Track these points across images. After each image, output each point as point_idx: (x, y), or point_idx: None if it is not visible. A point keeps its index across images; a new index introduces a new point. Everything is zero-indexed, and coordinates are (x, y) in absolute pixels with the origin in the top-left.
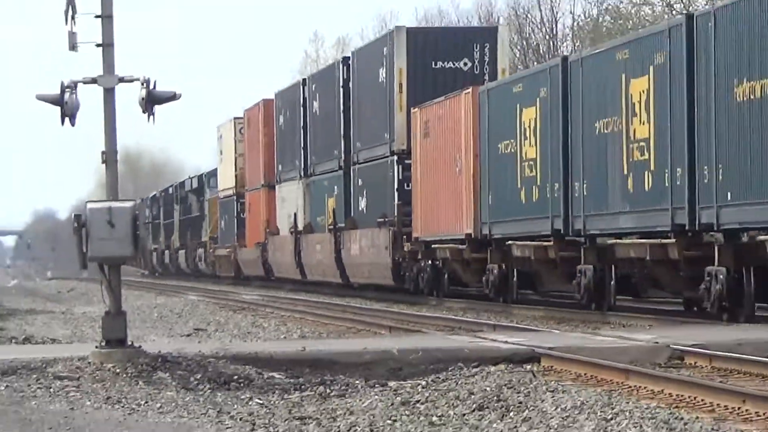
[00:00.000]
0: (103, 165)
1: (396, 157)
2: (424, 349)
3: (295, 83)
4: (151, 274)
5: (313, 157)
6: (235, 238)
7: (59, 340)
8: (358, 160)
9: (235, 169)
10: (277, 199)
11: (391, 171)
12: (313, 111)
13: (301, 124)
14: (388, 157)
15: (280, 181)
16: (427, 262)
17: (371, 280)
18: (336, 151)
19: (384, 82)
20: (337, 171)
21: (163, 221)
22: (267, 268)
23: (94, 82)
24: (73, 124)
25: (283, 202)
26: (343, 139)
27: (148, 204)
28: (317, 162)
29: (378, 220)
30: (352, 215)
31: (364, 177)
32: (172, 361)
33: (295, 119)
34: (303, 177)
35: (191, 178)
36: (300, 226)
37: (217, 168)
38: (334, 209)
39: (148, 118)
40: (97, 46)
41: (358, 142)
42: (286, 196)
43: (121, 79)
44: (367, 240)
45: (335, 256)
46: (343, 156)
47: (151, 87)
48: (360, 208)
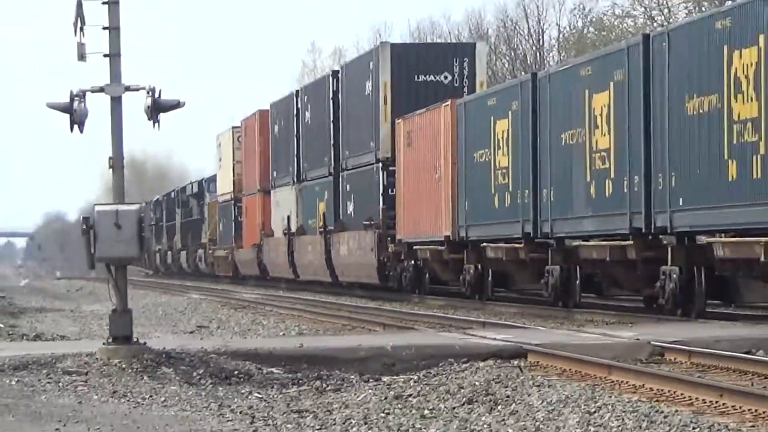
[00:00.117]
0: (111, 170)
1: (381, 164)
2: (416, 346)
3: (288, 95)
4: (155, 274)
5: (305, 164)
6: (233, 240)
7: (68, 337)
8: (346, 166)
9: (233, 175)
10: (272, 203)
11: (377, 177)
12: (306, 121)
13: (294, 133)
14: (374, 164)
15: (274, 186)
16: (410, 262)
17: (358, 279)
18: (326, 158)
19: (370, 94)
20: (327, 177)
21: (166, 224)
22: (262, 268)
23: (102, 90)
24: (82, 131)
25: (278, 206)
26: (332, 148)
27: (152, 207)
28: (309, 168)
29: (364, 222)
30: (340, 218)
31: (351, 183)
32: (176, 357)
33: (288, 128)
34: (296, 182)
35: (192, 184)
36: (293, 229)
37: (216, 174)
38: (324, 213)
39: (154, 125)
40: (104, 57)
41: (347, 150)
42: (280, 201)
43: (128, 88)
44: (354, 242)
45: (325, 257)
46: (332, 163)
47: (156, 95)
48: (348, 212)
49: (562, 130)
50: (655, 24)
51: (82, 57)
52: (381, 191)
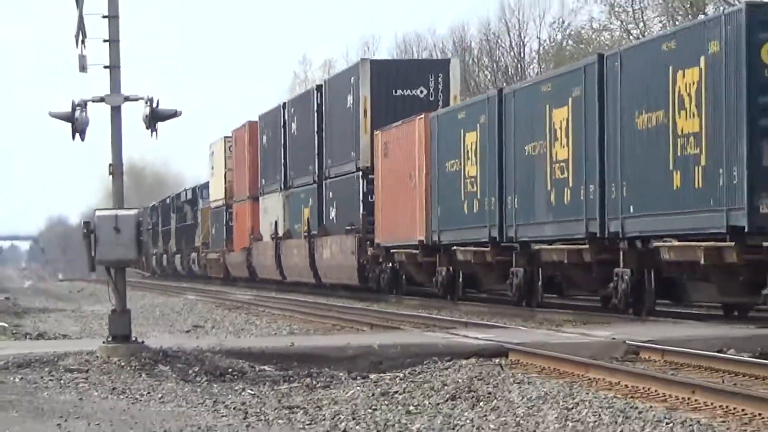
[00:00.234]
0: (110, 176)
1: (361, 173)
2: (402, 345)
3: (276, 107)
4: (152, 276)
5: (291, 172)
6: (224, 244)
7: (70, 336)
8: (329, 175)
9: (225, 183)
10: (260, 209)
11: (357, 185)
12: (292, 132)
13: (282, 143)
14: (355, 173)
15: (263, 193)
16: (387, 265)
17: (340, 281)
18: (311, 167)
19: (351, 107)
20: (311, 185)
21: (162, 228)
22: (251, 270)
23: (102, 100)
24: (83, 139)
25: (266, 211)
26: (316, 157)
27: (149, 213)
28: (295, 176)
29: (346, 228)
30: (324, 223)
31: (334, 190)
32: (173, 356)
33: (276, 139)
34: (283, 189)
35: (186, 190)
36: (280, 233)
37: (209, 181)
38: (309, 218)
39: (152, 134)
40: (105, 68)
41: (329, 160)
42: (268, 207)
43: (127, 98)
44: (336, 245)
45: (309, 260)
46: (316, 171)
47: (154, 105)
48: (331, 217)
49: (526, 142)
50: (630, 37)
51: (83, 68)
52: (361, 198)
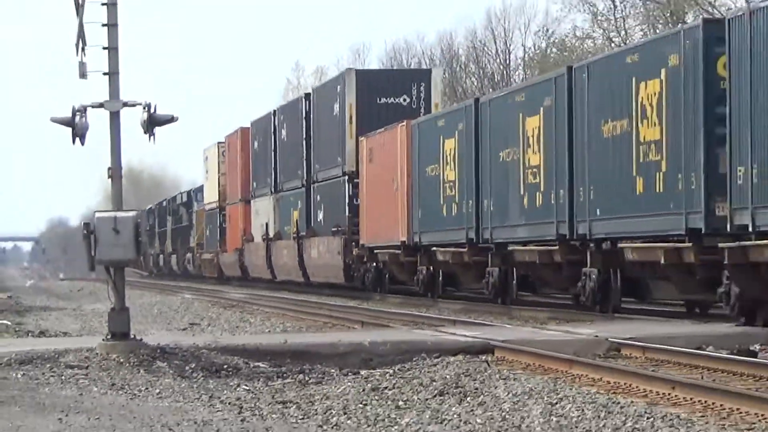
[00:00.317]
0: (110, 179)
1: (347, 177)
2: (391, 342)
3: (266, 114)
4: (150, 276)
5: (281, 176)
6: (218, 244)
7: (70, 334)
8: (316, 179)
9: (218, 186)
10: (252, 211)
11: (343, 189)
12: (282, 138)
13: (272, 149)
14: (341, 177)
15: (254, 196)
16: (372, 264)
17: (327, 280)
18: (299, 171)
19: (338, 115)
20: (300, 188)
21: (158, 230)
22: (244, 269)
23: (102, 106)
24: (83, 144)
25: (257, 214)
26: (305, 162)
27: (146, 215)
28: (285, 180)
29: (332, 229)
30: (312, 225)
31: (321, 193)
32: (170, 352)
33: (266, 144)
34: (273, 193)
35: (182, 193)
36: (271, 234)
37: (203, 185)
38: (298, 220)
39: (149, 138)
40: (104, 75)
41: (317, 165)
42: (259, 209)
43: (125, 104)
44: (323, 246)
45: (298, 260)
46: (305, 176)
47: (151, 111)
48: (318, 220)
49: (500, 149)
50: (612, 45)
51: (83, 75)
52: (347, 201)
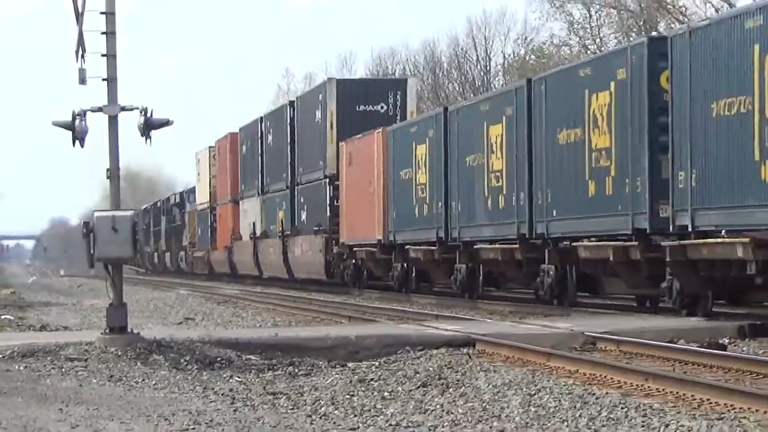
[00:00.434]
0: (108, 180)
1: (328, 180)
2: (377, 336)
3: (254, 120)
4: (146, 273)
5: (267, 179)
6: (209, 243)
7: (70, 328)
8: (300, 181)
9: (209, 188)
10: (240, 211)
11: (324, 191)
12: (268, 143)
13: (259, 153)
14: (322, 180)
15: (242, 197)
16: (351, 261)
17: (310, 276)
18: (284, 174)
19: (320, 121)
20: (285, 190)
21: (153, 229)
22: (232, 266)
23: (100, 110)
24: (83, 146)
25: (245, 214)
26: (289, 165)
27: (142, 215)
28: (271, 183)
29: (314, 228)
30: (296, 225)
31: (304, 195)
32: (165, 346)
33: (254, 149)
34: (260, 194)
35: (175, 195)
36: (258, 233)
37: (195, 186)
38: (283, 220)
39: (146, 141)
40: (103, 81)
41: (300, 168)
42: (247, 210)
43: (123, 108)
44: (306, 244)
45: (283, 257)
46: (289, 178)
47: (148, 115)
48: (302, 219)
49: (467, 154)
50: (588, 51)
51: (83, 81)
52: (328, 202)
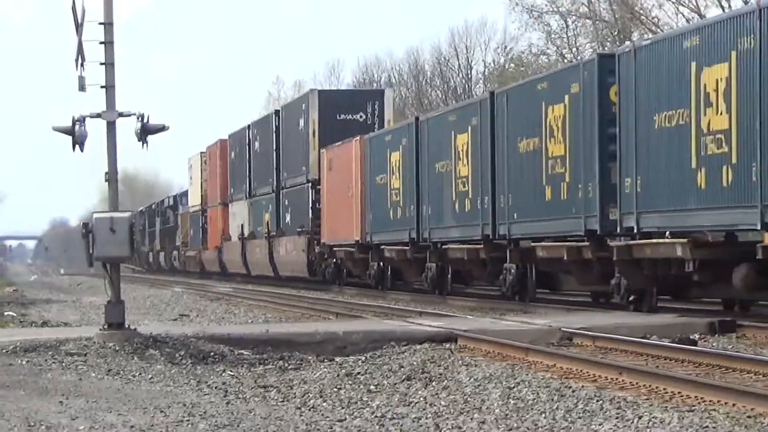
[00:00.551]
0: (106, 183)
1: (310, 184)
2: (364, 331)
3: (242, 128)
4: (142, 271)
5: (255, 183)
6: (200, 243)
7: (70, 324)
8: (285, 186)
9: (201, 191)
10: (230, 213)
11: (307, 194)
12: (255, 149)
13: (247, 159)
14: (305, 184)
15: (232, 200)
16: (331, 261)
17: (294, 274)
18: (270, 179)
19: (303, 129)
20: (271, 194)
21: (148, 230)
22: (222, 265)
23: (99, 116)
24: (83, 150)
25: (234, 216)
26: (275, 171)
27: (138, 216)
28: (258, 187)
29: (298, 229)
30: (281, 226)
31: (289, 198)
32: (161, 341)
33: (242, 155)
34: (248, 197)
35: (169, 198)
36: (246, 234)
37: (188, 189)
38: (269, 221)
39: (143, 146)
40: (101, 88)
41: (285, 173)
42: (236, 212)
43: (121, 114)
44: (290, 244)
45: (269, 257)
46: (275, 183)
47: (145, 120)
48: (287, 221)
49: (437, 161)
50: (565, 60)
51: (82, 88)
52: (310, 205)
